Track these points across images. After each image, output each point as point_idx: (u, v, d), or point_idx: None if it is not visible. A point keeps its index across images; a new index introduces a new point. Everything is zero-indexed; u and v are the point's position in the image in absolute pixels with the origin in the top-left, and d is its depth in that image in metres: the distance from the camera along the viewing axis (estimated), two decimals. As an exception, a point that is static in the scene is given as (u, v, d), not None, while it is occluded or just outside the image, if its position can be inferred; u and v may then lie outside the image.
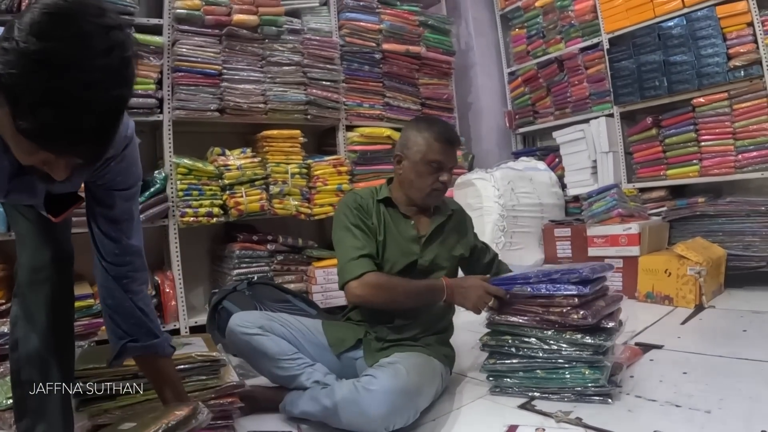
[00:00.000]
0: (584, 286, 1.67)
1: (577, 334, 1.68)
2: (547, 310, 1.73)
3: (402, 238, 1.92)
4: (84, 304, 2.63)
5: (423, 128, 1.92)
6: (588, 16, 4.00)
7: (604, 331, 1.69)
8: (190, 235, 3.15)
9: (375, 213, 1.94)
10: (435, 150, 1.87)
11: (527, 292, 1.76)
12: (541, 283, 1.74)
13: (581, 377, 1.68)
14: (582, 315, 1.65)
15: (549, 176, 4.03)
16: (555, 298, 1.71)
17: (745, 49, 3.15)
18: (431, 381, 1.70)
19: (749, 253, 3.10)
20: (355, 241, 1.83)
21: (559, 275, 1.72)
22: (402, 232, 1.93)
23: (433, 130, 1.90)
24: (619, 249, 3.20)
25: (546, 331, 1.73)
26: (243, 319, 1.85)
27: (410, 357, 1.71)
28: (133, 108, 2.87)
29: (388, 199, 1.96)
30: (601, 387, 1.66)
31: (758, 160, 3.17)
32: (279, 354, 1.79)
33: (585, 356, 1.67)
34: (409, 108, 3.98)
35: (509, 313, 1.80)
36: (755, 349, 2.03)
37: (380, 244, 1.89)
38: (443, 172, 1.89)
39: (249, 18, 3.17)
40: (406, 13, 3.98)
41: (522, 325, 1.77)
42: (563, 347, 1.70)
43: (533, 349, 1.74)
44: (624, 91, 3.76)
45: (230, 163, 3.10)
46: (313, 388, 1.72)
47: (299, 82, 3.42)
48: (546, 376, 1.73)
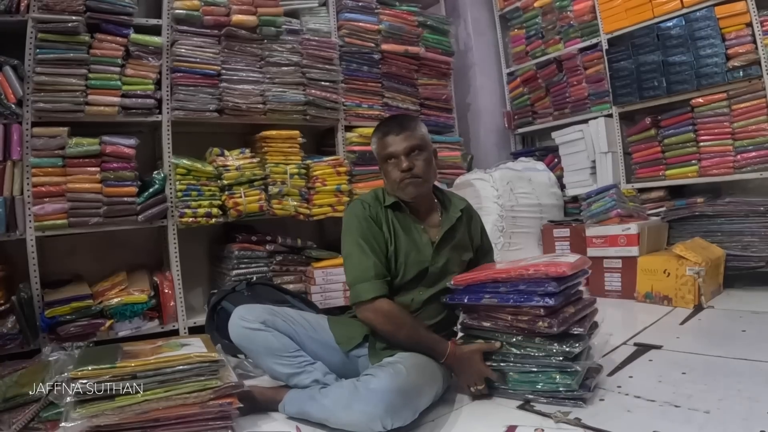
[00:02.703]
0: (550, 298, 1.66)
1: (545, 340, 1.69)
2: (516, 318, 1.74)
3: (413, 245, 1.91)
4: (83, 305, 2.63)
5: (375, 132, 1.99)
6: (587, 17, 4.00)
7: (572, 337, 1.69)
8: (189, 235, 3.15)
9: (385, 221, 1.92)
10: (383, 145, 1.90)
11: (496, 303, 1.77)
12: (509, 294, 1.74)
13: (552, 382, 1.68)
14: (548, 324, 1.66)
15: (548, 176, 4.03)
16: (523, 308, 1.72)
17: (744, 50, 3.15)
18: (432, 381, 1.70)
19: (748, 253, 3.10)
20: (366, 260, 1.82)
21: (526, 287, 1.71)
22: (413, 238, 1.92)
23: (378, 129, 1.96)
24: (618, 249, 3.20)
25: (516, 336, 1.74)
26: (246, 313, 1.86)
27: (412, 357, 1.71)
28: (132, 108, 2.88)
29: (396, 203, 1.94)
30: (573, 392, 1.66)
31: (757, 161, 3.17)
32: (280, 350, 1.80)
33: (555, 362, 1.67)
34: (408, 108, 3.97)
35: (481, 318, 1.81)
36: (754, 349, 2.03)
37: (392, 253, 1.89)
38: (400, 161, 1.86)
39: (248, 18, 3.17)
40: (405, 13, 3.98)
41: (493, 330, 1.79)
42: (532, 353, 1.71)
43: (504, 354, 1.76)
44: (623, 92, 3.77)
45: (229, 164, 3.10)
46: (312, 388, 1.72)
47: (298, 82, 3.41)
48: (519, 379, 1.74)
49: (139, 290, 2.82)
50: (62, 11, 2.67)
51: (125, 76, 2.87)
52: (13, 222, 2.59)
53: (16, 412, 1.74)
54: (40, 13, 2.64)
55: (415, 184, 1.88)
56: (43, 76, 2.63)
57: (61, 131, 2.65)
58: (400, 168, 1.86)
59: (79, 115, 2.73)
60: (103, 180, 2.76)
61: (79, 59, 2.71)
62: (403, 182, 1.87)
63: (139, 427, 1.50)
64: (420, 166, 1.87)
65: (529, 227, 3.68)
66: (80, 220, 2.71)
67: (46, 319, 2.55)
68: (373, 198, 1.98)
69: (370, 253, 1.83)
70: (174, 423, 1.53)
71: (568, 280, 1.74)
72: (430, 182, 1.95)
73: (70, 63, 2.69)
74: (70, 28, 2.65)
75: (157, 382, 1.53)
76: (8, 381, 1.95)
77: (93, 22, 2.76)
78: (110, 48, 2.80)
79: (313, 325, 1.92)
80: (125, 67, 2.87)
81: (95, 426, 1.44)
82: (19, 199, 2.60)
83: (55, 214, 2.65)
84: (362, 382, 1.56)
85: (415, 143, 1.87)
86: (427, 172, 1.90)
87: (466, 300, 1.83)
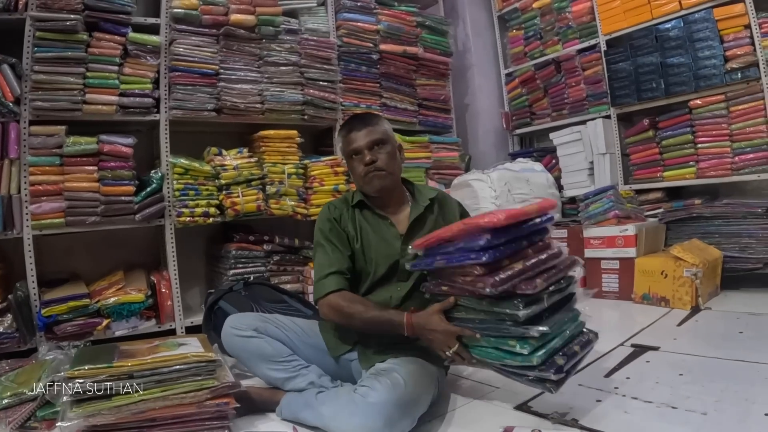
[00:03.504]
0: (484, 254, 1.43)
1: (492, 302, 1.49)
2: (464, 279, 1.56)
3: (382, 240, 1.90)
4: (80, 304, 2.63)
5: (339, 131, 2.03)
6: (585, 18, 4.00)
7: (518, 297, 1.45)
8: (187, 235, 3.15)
9: (351, 220, 1.93)
10: (346, 142, 1.92)
11: (444, 265, 1.60)
12: (453, 254, 1.55)
13: (512, 352, 1.47)
14: (482, 283, 1.45)
15: (546, 177, 4.03)
16: (465, 268, 1.54)
17: (742, 52, 3.16)
18: (428, 388, 1.69)
19: (745, 254, 3.11)
20: (325, 258, 1.86)
21: (464, 243, 1.51)
22: (381, 233, 1.91)
23: (342, 128, 1.98)
24: (615, 250, 3.21)
25: (467, 299, 1.57)
26: (238, 322, 1.87)
27: (407, 363, 1.69)
28: (130, 107, 2.88)
29: (361, 202, 1.95)
30: (533, 367, 1.43)
31: (755, 162, 3.18)
32: (274, 356, 1.81)
33: (509, 327, 1.46)
34: (406, 109, 3.98)
35: (441, 283, 1.67)
36: (751, 350, 2.04)
37: (358, 251, 1.89)
38: (364, 155, 1.87)
39: (246, 18, 3.17)
40: (403, 13, 3.98)
41: (450, 295, 1.63)
42: (483, 317, 1.54)
43: (462, 319, 1.59)
44: (621, 93, 3.77)
45: (227, 163, 3.10)
46: (308, 391, 1.72)
47: (296, 82, 3.41)
48: (487, 345, 1.54)
49: (136, 289, 2.81)
50: (60, 10, 2.66)
51: (123, 75, 2.86)
52: (11, 220, 2.58)
53: (12, 411, 1.74)
54: (38, 11, 2.64)
55: (379, 176, 1.87)
56: (41, 74, 2.62)
57: (58, 130, 2.64)
58: (364, 162, 1.87)
59: (76, 113, 2.73)
60: (101, 179, 2.75)
61: (77, 58, 2.71)
62: (368, 176, 1.87)
63: (136, 427, 1.50)
64: (383, 159, 1.87)
65: (526, 228, 3.67)
66: (77, 219, 2.70)
67: (43, 318, 2.54)
68: (341, 200, 2.01)
69: (330, 252, 1.86)
70: (171, 423, 1.53)
71: (511, 230, 1.49)
72: (394, 175, 1.93)
73: (68, 62, 2.68)
74: (68, 26, 2.65)
75: (153, 382, 1.53)
76: (5, 380, 1.94)
77: (91, 20, 2.75)
78: (108, 47, 2.80)
79: (305, 330, 1.93)
80: (123, 66, 2.86)
81: (92, 425, 1.44)
82: (17, 198, 2.59)
83: (52, 212, 2.64)
84: (360, 395, 1.54)
85: (377, 137, 1.88)
86: (391, 165, 1.89)
87: (424, 266, 1.70)
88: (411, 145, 3.90)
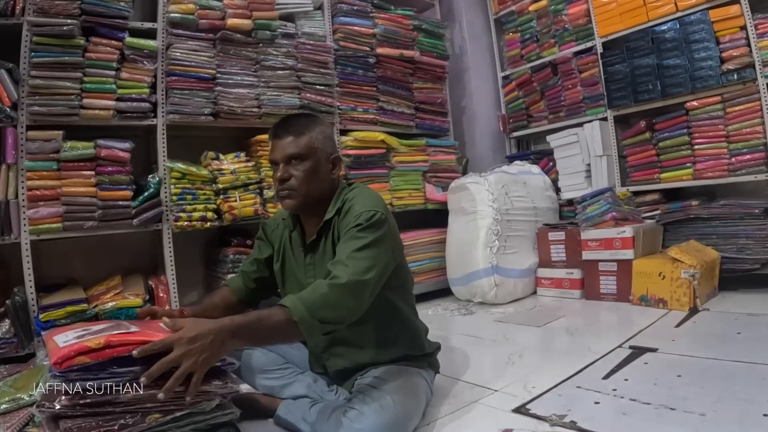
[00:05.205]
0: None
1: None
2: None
3: (294, 266, 1.79)
4: (78, 309, 2.62)
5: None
6: (582, 20, 4.02)
7: None
8: (184, 239, 3.15)
9: (279, 238, 1.85)
10: (270, 148, 1.71)
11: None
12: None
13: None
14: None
15: (543, 180, 4.04)
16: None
17: (738, 53, 3.17)
18: (419, 402, 1.64)
19: (743, 255, 3.11)
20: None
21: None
22: (295, 258, 1.80)
23: (270, 129, 1.74)
24: (613, 252, 3.21)
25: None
26: None
27: (391, 377, 1.63)
28: (127, 112, 2.87)
29: (292, 218, 1.81)
30: None
31: (751, 163, 3.18)
32: (268, 365, 1.80)
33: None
34: (403, 112, 3.98)
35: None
36: (749, 351, 2.04)
37: (278, 273, 1.85)
38: (278, 169, 1.66)
39: (243, 22, 3.17)
40: (400, 17, 3.99)
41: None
42: None
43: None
44: (618, 95, 3.78)
45: (224, 168, 3.10)
46: (303, 402, 1.70)
47: (293, 86, 3.41)
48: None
49: (134, 294, 2.81)
50: (57, 14, 2.66)
51: (120, 79, 2.86)
52: (8, 225, 2.58)
53: (10, 416, 1.73)
54: (35, 16, 2.63)
55: (290, 197, 1.66)
56: (38, 79, 2.62)
57: (56, 135, 2.64)
58: (276, 177, 1.67)
59: (74, 118, 2.73)
60: (98, 184, 2.75)
61: (74, 63, 2.70)
62: (279, 193, 1.68)
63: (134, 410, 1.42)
64: (298, 177, 1.64)
65: (524, 231, 3.68)
66: (75, 223, 2.70)
67: (41, 323, 2.53)
68: (280, 213, 1.91)
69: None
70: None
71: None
72: (309, 196, 1.67)
73: (65, 66, 2.68)
74: (65, 31, 2.65)
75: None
76: (3, 385, 1.94)
77: (88, 25, 2.75)
78: (105, 51, 2.80)
79: None
80: (120, 71, 2.86)
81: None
82: (14, 203, 2.59)
83: (50, 217, 2.64)
84: (348, 419, 1.46)
85: (294, 152, 1.64)
86: (304, 185, 1.65)
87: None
88: (408, 149, 3.90)
